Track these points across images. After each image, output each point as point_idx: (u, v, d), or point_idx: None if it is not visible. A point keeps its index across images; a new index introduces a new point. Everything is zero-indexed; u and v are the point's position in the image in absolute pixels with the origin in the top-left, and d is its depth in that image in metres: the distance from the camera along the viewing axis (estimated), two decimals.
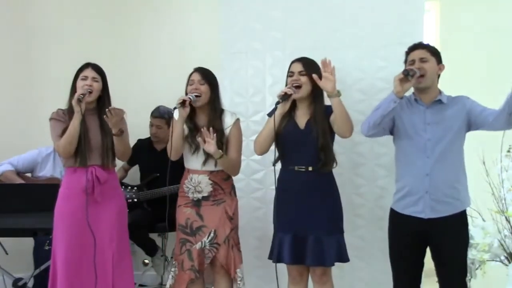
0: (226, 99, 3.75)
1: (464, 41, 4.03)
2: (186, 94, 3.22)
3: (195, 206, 3.26)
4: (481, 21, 3.96)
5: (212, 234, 3.23)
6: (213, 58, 3.86)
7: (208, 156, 3.20)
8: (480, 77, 3.86)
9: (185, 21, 4.75)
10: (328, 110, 3.07)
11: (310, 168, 3.05)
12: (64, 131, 3.16)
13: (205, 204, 3.25)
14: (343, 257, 3.09)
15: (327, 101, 3.07)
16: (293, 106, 3.10)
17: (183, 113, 3.14)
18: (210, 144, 3.10)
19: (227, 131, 3.26)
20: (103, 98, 3.27)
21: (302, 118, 3.11)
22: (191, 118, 3.23)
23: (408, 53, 3.01)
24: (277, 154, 3.16)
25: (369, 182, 3.52)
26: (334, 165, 3.11)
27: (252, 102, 3.73)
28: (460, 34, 4.08)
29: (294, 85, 3.05)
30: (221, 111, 3.31)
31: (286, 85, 3.12)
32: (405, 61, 3.01)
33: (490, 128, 2.92)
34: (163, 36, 4.76)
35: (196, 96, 3.18)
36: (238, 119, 3.32)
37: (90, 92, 3.17)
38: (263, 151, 3.18)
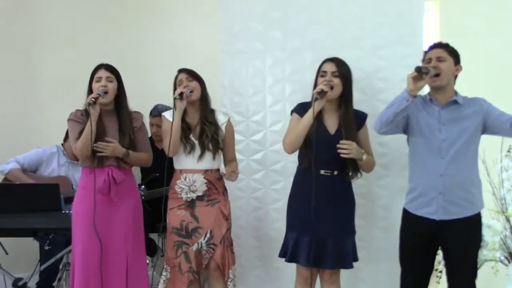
0: (226, 99, 3.76)
1: (464, 41, 4.02)
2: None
3: (189, 207, 3.25)
4: (481, 21, 3.95)
5: (208, 235, 3.23)
6: (213, 58, 3.87)
7: (203, 151, 3.21)
8: (480, 77, 3.86)
9: (185, 21, 4.74)
10: (357, 115, 3.10)
11: (335, 173, 3.05)
12: (81, 133, 3.16)
13: (200, 205, 3.25)
14: (356, 257, 3.13)
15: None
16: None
17: (181, 106, 3.15)
18: (233, 177, 3.22)
19: (222, 128, 3.29)
20: (120, 97, 3.28)
21: (331, 122, 3.09)
22: (182, 119, 3.23)
23: (426, 52, 2.97)
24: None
25: (370, 182, 3.51)
26: (359, 175, 3.12)
27: (252, 102, 3.73)
28: (460, 34, 4.07)
29: (328, 85, 3.02)
30: (212, 110, 3.34)
31: (315, 86, 3.08)
32: (423, 60, 2.97)
33: (506, 135, 2.91)
34: (163, 36, 4.76)
35: (190, 92, 3.21)
36: (229, 118, 3.36)
37: (106, 93, 3.17)
38: (294, 149, 3.10)
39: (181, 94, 3.14)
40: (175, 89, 3.27)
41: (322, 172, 3.05)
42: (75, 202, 3.25)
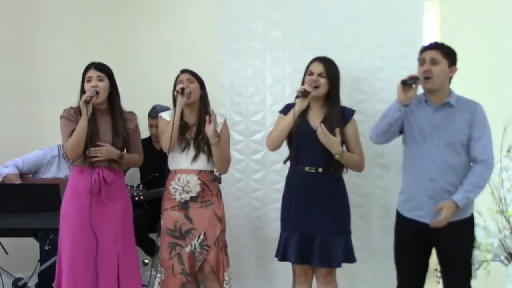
0: (226, 99, 3.76)
1: (464, 41, 4.03)
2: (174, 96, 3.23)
3: (183, 209, 3.24)
4: (481, 21, 3.96)
5: (202, 237, 3.22)
6: (213, 58, 3.87)
7: (198, 151, 3.20)
8: (480, 77, 3.86)
9: (185, 21, 4.74)
10: (344, 111, 3.10)
11: (320, 170, 3.05)
12: (73, 131, 3.14)
13: (193, 206, 3.23)
14: (351, 258, 3.11)
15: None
16: (306, 106, 3.07)
17: (182, 102, 3.15)
18: (211, 127, 3.12)
19: (218, 129, 3.26)
20: (113, 95, 3.25)
21: (315, 119, 3.09)
22: (180, 117, 3.21)
23: (422, 51, 2.93)
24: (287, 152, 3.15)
25: (369, 182, 3.52)
26: (345, 170, 3.11)
27: (252, 102, 3.73)
28: (460, 34, 4.08)
29: (313, 85, 3.03)
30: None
31: (303, 83, 3.09)
32: (419, 59, 2.93)
33: None
34: (163, 36, 4.76)
35: (189, 93, 3.20)
36: (225, 119, 3.35)
37: (97, 93, 3.15)
38: (275, 147, 3.15)
39: (182, 89, 3.14)
40: (175, 88, 3.26)
41: (306, 169, 3.06)
42: (64, 202, 3.22)
